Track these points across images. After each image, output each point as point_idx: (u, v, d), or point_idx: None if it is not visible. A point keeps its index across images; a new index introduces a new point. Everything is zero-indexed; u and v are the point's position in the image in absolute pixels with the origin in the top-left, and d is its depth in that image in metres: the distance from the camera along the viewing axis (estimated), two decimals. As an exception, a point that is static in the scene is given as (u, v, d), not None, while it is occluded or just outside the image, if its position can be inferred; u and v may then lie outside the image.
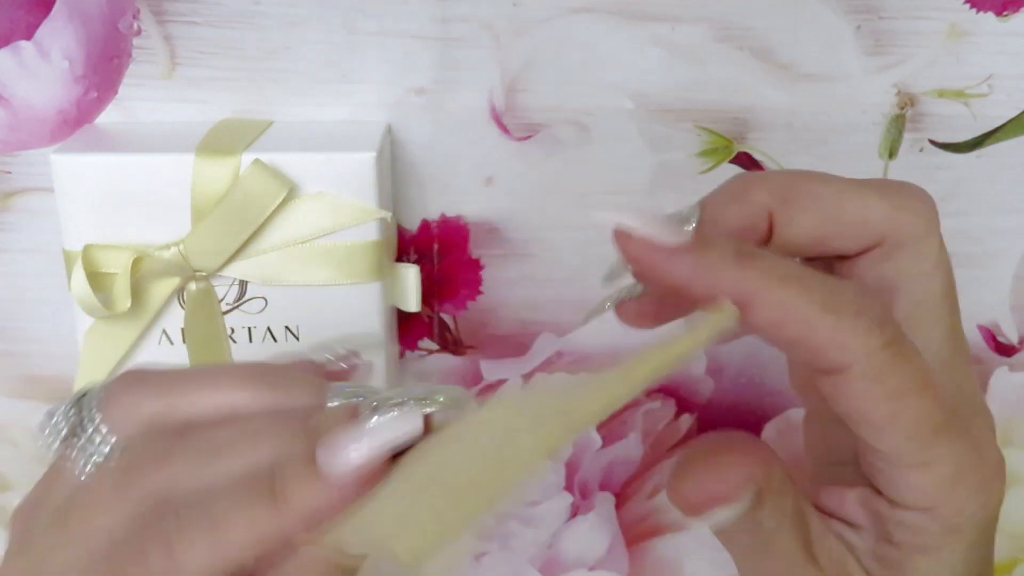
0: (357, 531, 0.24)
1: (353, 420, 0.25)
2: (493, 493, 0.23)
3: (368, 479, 0.24)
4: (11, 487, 0.48)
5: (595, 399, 0.24)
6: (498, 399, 0.26)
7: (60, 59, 0.40)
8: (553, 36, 0.44)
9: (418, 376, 0.49)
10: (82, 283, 0.39)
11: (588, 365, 0.48)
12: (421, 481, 0.24)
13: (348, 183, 0.40)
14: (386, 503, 0.24)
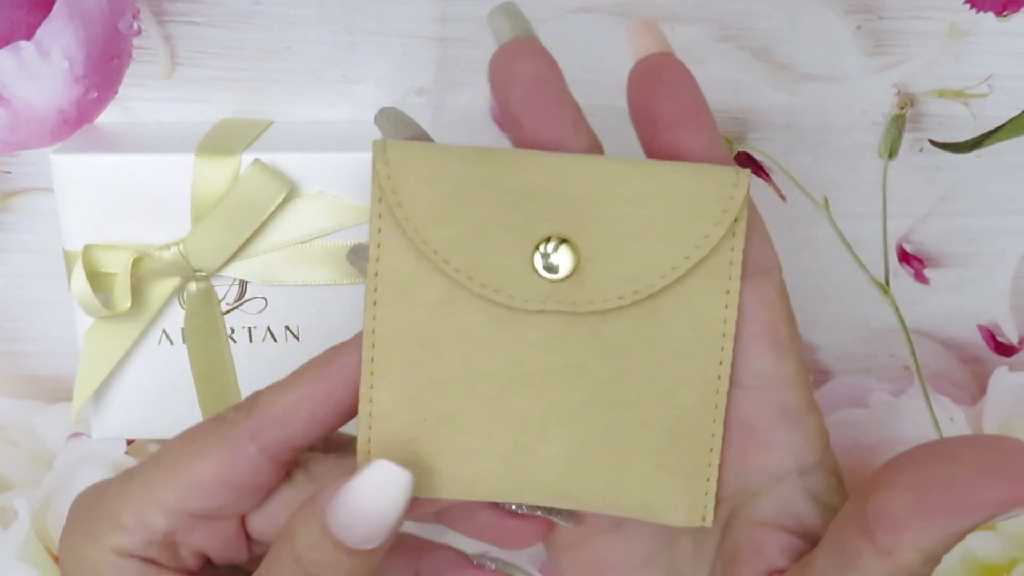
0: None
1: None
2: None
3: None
4: (11, 487, 0.48)
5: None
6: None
7: (60, 59, 0.40)
8: (553, 36, 0.44)
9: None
10: (82, 283, 0.39)
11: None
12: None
13: (348, 183, 0.40)
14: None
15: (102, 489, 0.29)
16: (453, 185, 0.25)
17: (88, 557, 0.28)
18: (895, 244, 0.48)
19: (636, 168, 0.26)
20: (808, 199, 0.47)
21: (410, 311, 0.26)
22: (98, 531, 0.28)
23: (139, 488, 0.28)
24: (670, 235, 0.26)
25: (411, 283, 0.26)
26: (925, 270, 0.48)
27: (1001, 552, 0.48)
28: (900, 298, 0.48)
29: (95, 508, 0.28)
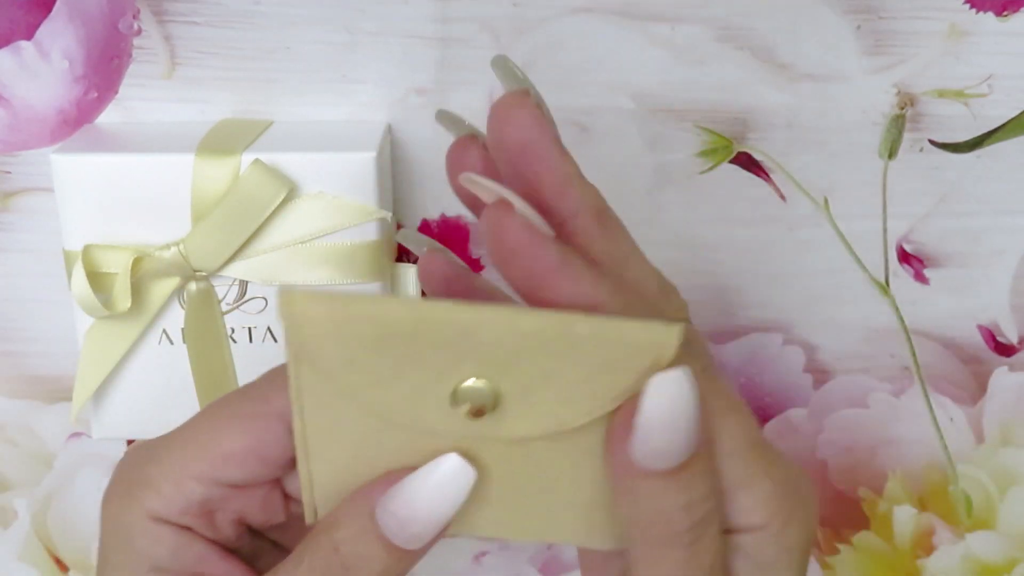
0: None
1: None
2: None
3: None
4: (11, 487, 0.48)
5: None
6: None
7: (60, 59, 0.40)
8: (553, 36, 0.44)
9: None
10: (82, 283, 0.39)
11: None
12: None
13: (348, 183, 0.40)
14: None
15: (142, 453, 0.28)
16: (364, 336, 0.25)
17: (124, 521, 0.28)
18: (895, 244, 0.48)
19: (561, 324, 0.25)
20: (808, 199, 0.47)
21: (337, 434, 0.26)
22: (134, 496, 0.28)
23: (176, 456, 0.28)
24: (594, 389, 0.25)
25: (335, 416, 0.26)
26: (925, 270, 0.48)
27: (1001, 552, 0.48)
28: (900, 298, 0.48)
29: (133, 473, 0.28)
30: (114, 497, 0.28)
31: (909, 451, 0.50)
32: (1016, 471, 0.50)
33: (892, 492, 0.50)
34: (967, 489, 0.49)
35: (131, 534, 0.28)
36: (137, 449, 0.29)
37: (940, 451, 0.49)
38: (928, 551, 0.50)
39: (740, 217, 0.47)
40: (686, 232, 0.47)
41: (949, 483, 0.49)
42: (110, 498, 0.28)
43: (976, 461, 0.50)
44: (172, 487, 0.27)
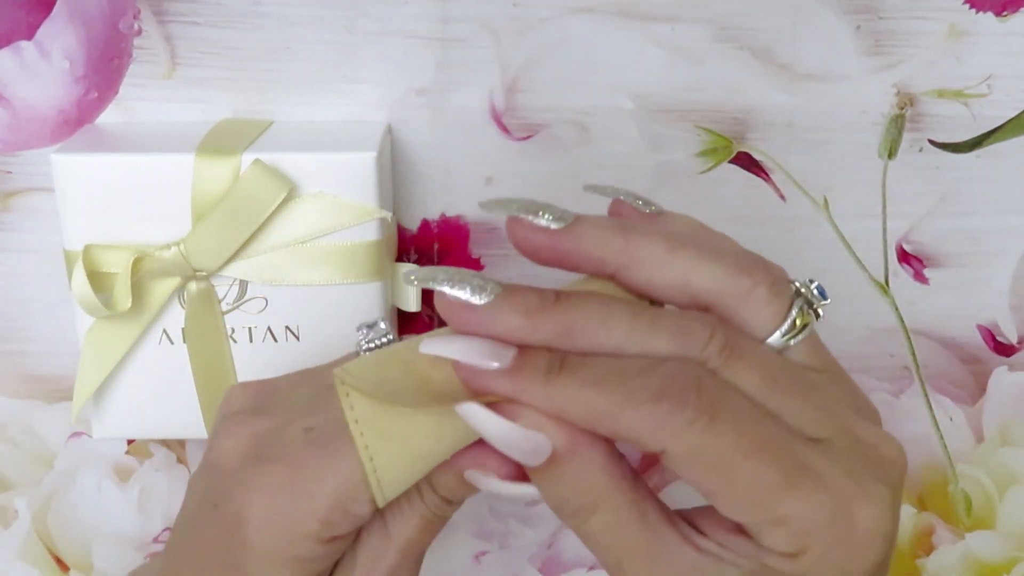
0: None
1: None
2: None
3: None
4: (11, 487, 0.48)
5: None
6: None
7: (61, 59, 0.40)
8: (553, 36, 0.44)
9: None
10: (82, 283, 0.39)
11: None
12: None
13: (348, 183, 0.40)
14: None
15: (287, 492, 0.30)
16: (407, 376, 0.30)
17: (302, 554, 0.30)
18: (895, 244, 0.48)
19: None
20: (808, 199, 0.47)
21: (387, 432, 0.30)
22: (305, 531, 0.30)
23: (327, 481, 0.30)
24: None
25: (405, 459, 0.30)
26: (925, 270, 0.48)
27: (1001, 552, 0.48)
28: (900, 298, 0.48)
29: (295, 512, 0.30)
30: (276, 534, 0.30)
31: (909, 451, 0.50)
32: (1016, 471, 0.50)
33: (892, 492, 0.50)
34: (967, 489, 0.49)
35: (307, 560, 0.31)
36: (279, 494, 0.30)
37: (940, 451, 0.49)
38: (928, 551, 0.50)
39: (740, 217, 0.47)
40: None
41: (949, 483, 0.49)
42: (268, 535, 0.30)
43: (976, 461, 0.50)
44: (338, 513, 0.30)
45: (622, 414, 0.27)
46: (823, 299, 0.30)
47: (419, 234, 0.46)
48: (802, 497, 0.27)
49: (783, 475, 0.27)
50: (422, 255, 0.47)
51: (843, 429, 0.29)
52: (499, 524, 0.49)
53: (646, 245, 0.29)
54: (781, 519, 0.27)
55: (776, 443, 0.27)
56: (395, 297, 0.44)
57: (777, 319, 0.29)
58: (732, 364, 0.28)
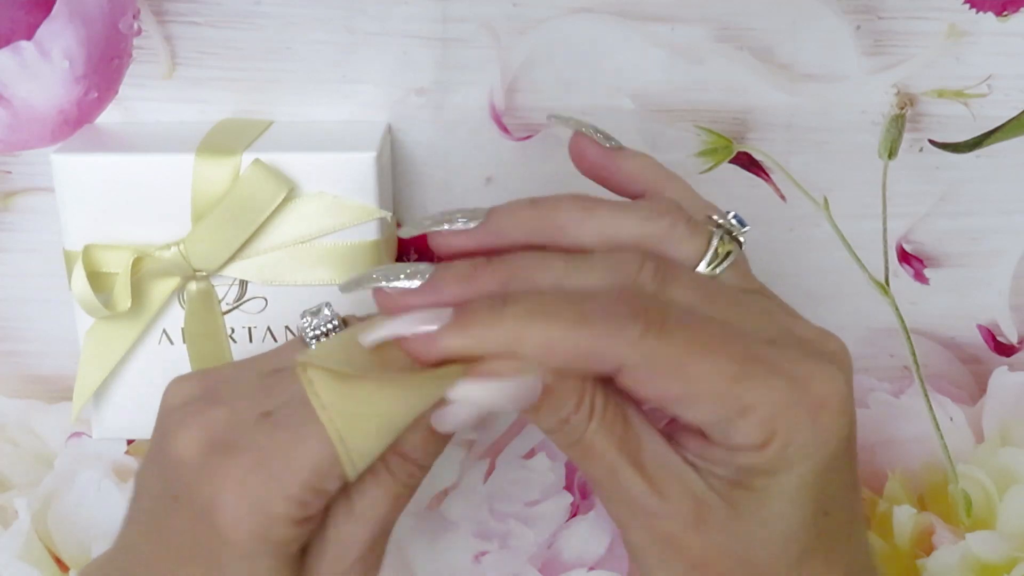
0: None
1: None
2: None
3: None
4: (11, 487, 0.48)
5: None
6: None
7: (61, 59, 0.40)
8: (553, 36, 0.44)
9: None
10: (82, 283, 0.39)
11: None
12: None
13: (348, 183, 0.40)
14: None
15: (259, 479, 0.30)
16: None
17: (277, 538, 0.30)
18: (895, 244, 0.48)
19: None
20: (808, 199, 0.47)
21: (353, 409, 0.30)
22: (275, 501, 0.30)
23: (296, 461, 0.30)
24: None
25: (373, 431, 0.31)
26: (925, 270, 0.48)
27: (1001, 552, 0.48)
28: (900, 298, 0.48)
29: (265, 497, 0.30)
30: (250, 523, 0.30)
31: (909, 451, 0.50)
32: (1016, 471, 0.50)
33: (892, 492, 0.50)
34: (967, 489, 0.49)
35: (281, 543, 0.31)
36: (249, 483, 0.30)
37: (940, 451, 0.49)
38: (928, 551, 0.49)
39: (740, 217, 0.47)
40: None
41: (949, 483, 0.49)
42: (242, 525, 0.30)
43: (976, 461, 0.50)
44: (310, 493, 0.30)
45: (577, 335, 0.28)
46: (742, 227, 0.32)
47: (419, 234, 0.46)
48: (760, 382, 0.28)
49: (739, 365, 0.28)
50: (422, 255, 0.47)
51: (784, 330, 0.31)
52: (499, 524, 0.49)
53: (562, 210, 0.31)
54: (744, 409, 0.28)
55: (727, 339, 0.29)
56: (395, 297, 0.44)
57: (700, 251, 0.31)
58: (667, 285, 0.29)
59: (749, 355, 0.28)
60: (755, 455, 0.29)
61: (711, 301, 0.30)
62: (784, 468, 0.29)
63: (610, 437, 0.29)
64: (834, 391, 0.29)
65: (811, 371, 0.29)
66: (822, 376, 0.29)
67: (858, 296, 0.49)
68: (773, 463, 0.29)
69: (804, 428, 0.28)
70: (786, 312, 0.32)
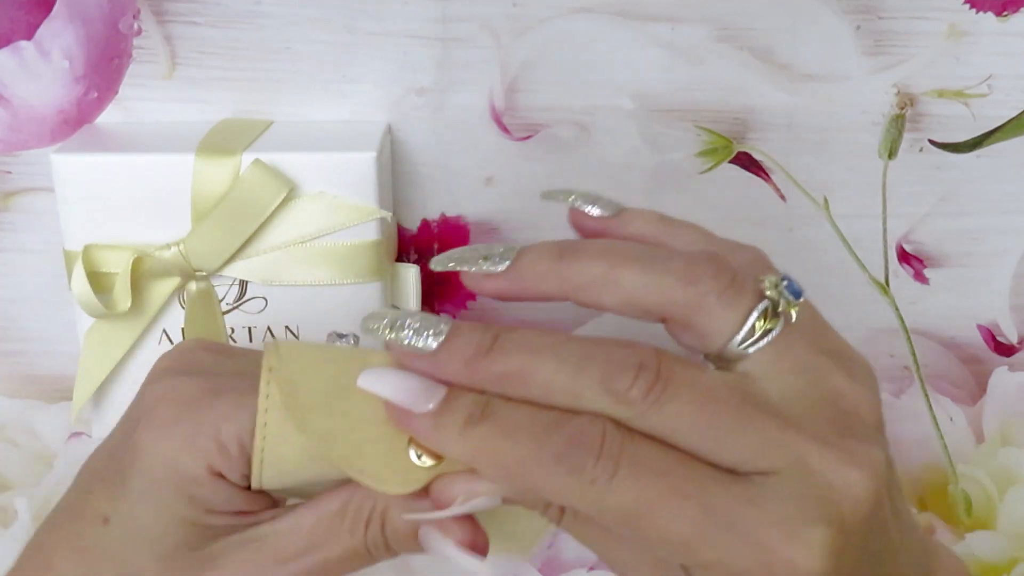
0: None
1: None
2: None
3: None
4: (11, 487, 0.48)
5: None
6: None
7: (60, 59, 0.40)
8: (553, 36, 0.44)
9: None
10: (82, 283, 0.39)
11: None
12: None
13: (348, 183, 0.40)
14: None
15: (196, 400, 0.30)
16: (335, 383, 0.30)
17: (185, 471, 0.30)
18: (895, 244, 0.48)
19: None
20: (808, 199, 0.47)
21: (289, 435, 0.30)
22: (200, 450, 0.29)
23: (244, 419, 0.30)
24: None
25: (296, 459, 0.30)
26: (925, 270, 0.48)
27: (1001, 552, 0.48)
28: (900, 298, 0.48)
29: (195, 427, 0.30)
30: (170, 440, 0.30)
31: (909, 451, 0.50)
32: (1016, 471, 0.50)
33: (892, 492, 0.50)
34: (967, 489, 0.49)
35: (192, 483, 0.30)
36: (182, 391, 0.30)
37: (940, 451, 0.49)
38: (928, 551, 0.49)
39: (740, 217, 0.47)
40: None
41: (949, 483, 0.49)
42: (165, 439, 0.30)
43: (976, 461, 0.50)
44: (236, 447, 0.30)
45: (530, 472, 0.27)
46: (795, 298, 0.29)
47: (419, 234, 0.46)
48: (717, 547, 0.26)
49: (693, 526, 0.26)
50: (422, 255, 0.47)
51: (794, 459, 0.27)
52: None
53: (585, 270, 0.29)
54: (701, 564, 0.27)
55: (685, 493, 0.26)
56: (395, 297, 0.44)
57: (732, 327, 0.28)
58: (660, 402, 0.27)
59: (709, 513, 0.26)
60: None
61: (708, 419, 0.27)
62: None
63: (583, 532, 0.30)
64: (808, 565, 0.26)
65: (784, 539, 0.26)
66: (799, 545, 0.26)
67: (858, 296, 0.49)
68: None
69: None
70: (828, 412, 0.28)
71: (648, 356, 0.27)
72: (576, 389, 0.27)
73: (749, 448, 0.27)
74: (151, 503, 0.30)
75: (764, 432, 0.27)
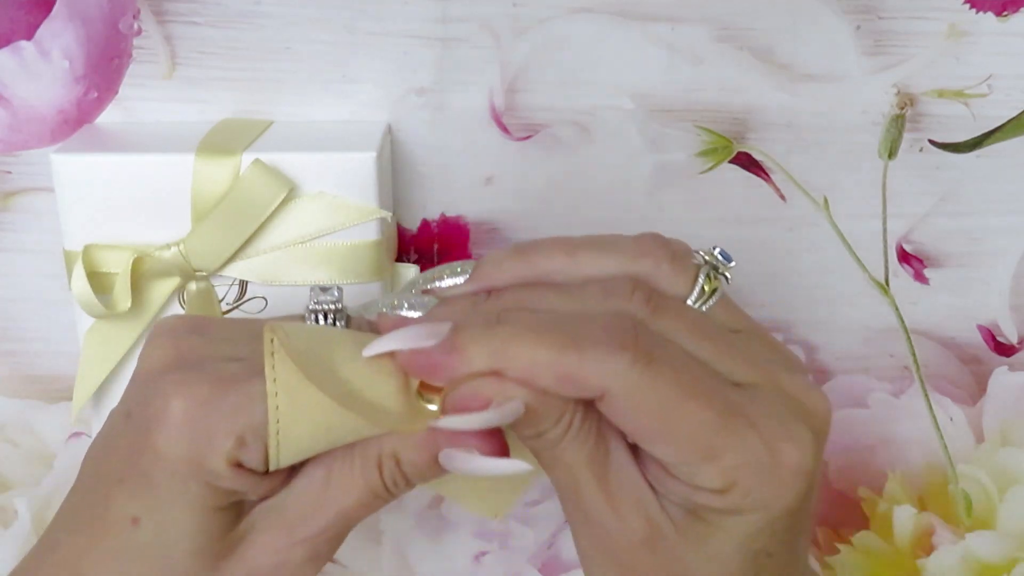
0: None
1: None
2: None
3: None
4: (11, 487, 0.48)
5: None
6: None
7: (60, 59, 0.40)
8: (553, 36, 0.44)
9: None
10: (82, 283, 0.39)
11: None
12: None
13: (348, 183, 0.40)
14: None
15: (208, 398, 0.30)
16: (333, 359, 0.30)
17: (206, 466, 0.30)
18: (895, 244, 0.48)
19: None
20: (808, 199, 0.47)
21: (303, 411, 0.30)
22: (218, 445, 0.30)
23: (256, 410, 0.30)
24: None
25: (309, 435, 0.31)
26: (925, 270, 0.48)
27: (1001, 552, 0.48)
28: (900, 298, 0.48)
29: (212, 424, 0.30)
30: (193, 444, 0.30)
31: (909, 451, 0.50)
32: (1016, 471, 0.50)
33: (892, 492, 0.50)
34: (967, 489, 0.49)
35: (217, 478, 0.30)
36: (204, 398, 0.30)
37: (940, 451, 0.49)
38: (928, 551, 0.50)
39: (740, 217, 0.47)
40: (686, 232, 0.47)
41: (949, 483, 0.49)
42: (184, 442, 0.30)
43: (976, 461, 0.50)
44: (253, 438, 0.30)
45: (565, 359, 0.28)
46: (728, 262, 0.32)
47: (419, 234, 0.46)
48: (733, 436, 0.29)
49: (717, 415, 0.29)
50: (422, 255, 0.47)
51: (769, 378, 0.30)
52: (499, 524, 0.49)
53: (544, 260, 0.32)
54: (713, 456, 0.29)
55: (709, 385, 0.29)
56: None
57: (685, 288, 0.31)
58: (658, 315, 0.30)
59: (728, 405, 0.29)
60: (712, 497, 0.30)
61: (699, 336, 0.30)
62: (737, 513, 0.30)
63: (580, 451, 0.30)
64: (800, 457, 0.30)
65: (782, 434, 0.30)
66: (793, 441, 0.30)
67: (858, 296, 0.49)
68: (728, 507, 0.30)
69: (764, 484, 0.29)
70: (775, 356, 0.32)
71: (639, 282, 0.30)
72: (581, 305, 0.30)
73: (735, 363, 0.30)
74: (181, 501, 0.30)
75: (742, 354, 0.30)
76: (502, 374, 0.28)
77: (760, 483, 0.29)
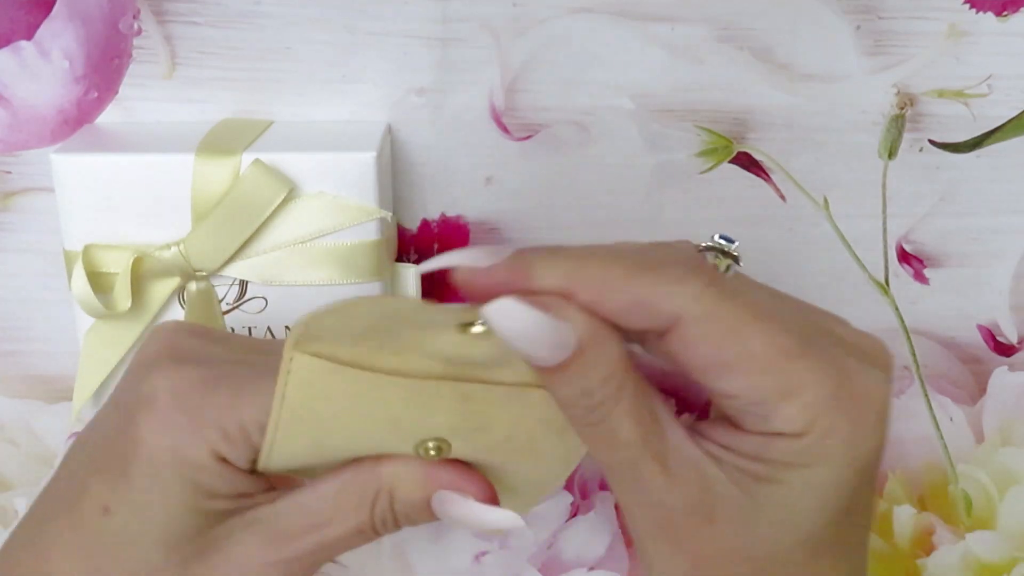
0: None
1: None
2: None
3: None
4: (11, 487, 0.48)
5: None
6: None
7: (60, 59, 0.40)
8: (553, 36, 0.44)
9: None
10: (82, 283, 0.39)
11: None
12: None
13: (348, 183, 0.40)
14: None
15: (196, 389, 0.30)
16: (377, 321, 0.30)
17: (188, 458, 0.30)
18: (895, 244, 0.48)
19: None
20: (808, 199, 0.47)
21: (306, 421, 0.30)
22: (202, 436, 0.29)
23: (244, 403, 0.30)
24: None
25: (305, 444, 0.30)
26: (925, 270, 0.48)
27: (1001, 552, 0.48)
28: (900, 298, 0.48)
29: (196, 413, 0.30)
30: (176, 432, 0.30)
31: (909, 451, 0.50)
32: (1016, 471, 0.50)
33: (892, 492, 0.50)
34: (967, 489, 0.49)
35: (196, 470, 0.30)
36: (184, 382, 0.30)
37: (940, 451, 0.49)
38: (928, 551, 0.50)
39: (740, 217, 0.47)
40: (686, 232, 0.47)
41: (949, 483, 0.49)
42: (168, 431, 0.30)
43: (976, 461, 0.50)
44: (239, 434, 0.30)
45: (640, 279, 0.27)
46: (730, 243, 0.30)
47: (419, 234, 0.46)
48: (812, 364, 0.27)
49: (796, 342, 0.27)
50: (422, 255, 0.47)
51: (827, 328, 0.29)
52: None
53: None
54: (790, 390, 0.27)
55: (785, 312, 0.28)
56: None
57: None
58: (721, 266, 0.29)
59: (806, 334, 0.27)
60: (790, 444, 0.27)
61: (757, 290, 0.29)
62: (818, 462, 0.27)
63: (636, 425, 0.28)
64: (879, 394, 0.28)
65: (859, 368, 0.28)
66: (869, 376, 0.28)
67: (858, 296, 0.49)
68: (808, 455, 0.27)
69: (846, 423, 0.27)
70: (825, 313, 0.31)
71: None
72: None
73: (792, 316, 0.28)
74: (155, 492, 0.30)
75: (793, 306, 0.29)
76: (571, 296, 0.27)
77: (843, 422, 0.27)
